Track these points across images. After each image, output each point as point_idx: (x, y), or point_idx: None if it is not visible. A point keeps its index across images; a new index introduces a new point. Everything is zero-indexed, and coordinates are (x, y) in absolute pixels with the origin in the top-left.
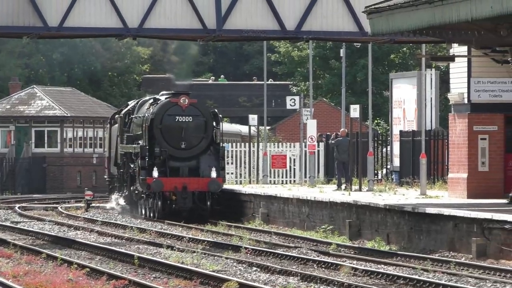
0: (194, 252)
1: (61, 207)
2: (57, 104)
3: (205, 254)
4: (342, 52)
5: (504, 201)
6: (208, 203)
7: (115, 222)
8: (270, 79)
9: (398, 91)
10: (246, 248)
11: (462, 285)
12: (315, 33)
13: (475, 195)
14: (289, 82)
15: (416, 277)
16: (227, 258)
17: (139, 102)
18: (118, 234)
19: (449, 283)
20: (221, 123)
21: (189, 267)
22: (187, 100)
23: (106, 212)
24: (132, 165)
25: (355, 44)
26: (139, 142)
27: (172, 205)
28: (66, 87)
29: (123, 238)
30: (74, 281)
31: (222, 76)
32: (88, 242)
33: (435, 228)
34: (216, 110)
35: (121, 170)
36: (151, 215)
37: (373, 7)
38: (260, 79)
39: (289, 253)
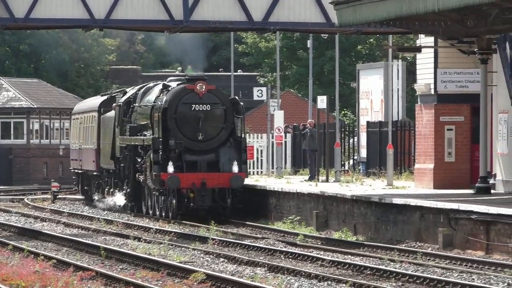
0: (161, 243)
1: (27, 199)
2: (23, 96)
3: (172, 245)
4: (309, 43)
5: (471, 191)
6: (229, 200)
7: (81, 213)
8: (238, 70)
9: (365, 82)
10: (213, 239)
11: (428, 275)
12: (282, 24)
13: (442, 185)
14: (257, 73)
15: (383, 267)
16: (194, 249)
17: (143, 90)
18: (85, 225)
19: (416, 273)
20: (243, 112)
21: (156, 258)
22: (204, 87)
23: (72, 203)
24: (139, 159)
25: (322, 35)
26: (145, 133)
27: (190, 203)
28: (33, 79)
29: (90, 230)
30: (41, 273)
31: (189, 67)
32: (55, 234)
33: (402, 219)
34: (237, 98)
35: (122, 165)
36: (164, 214)
37: None
38: (228, 70)
39: (256, 244)
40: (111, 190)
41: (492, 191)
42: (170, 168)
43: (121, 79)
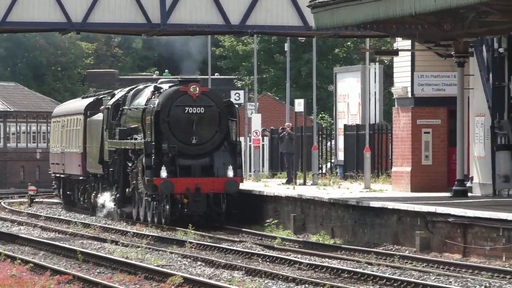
0: (139, 247)
1: (4, 202)
2: (0, 99)
3: (149, 249)
4: (286, 46)
5: (448, 194)
6: (224, 206)
7: (58, 217)
8: (216, 74)
9: (343, 85)
10: (190, 242)
11: (405, 278)
12: (259, 27)
13: (419, 188)
14: (234, 77)
15: (361, 270)
16: (171, 253)
17: (132, 92)
18: (62, 229)
19: (393, 276)
20: (237, 115)
21: (133, 262)
22: (198, 89)
23: (49, 207)
24: (130, 164)
25: (299, 38)
26: (136, 137)
27: (184, 209)
28: (10, 82)
29: (67, 233)
30: (17, 277)
31: (166, 70)
32: (32, 238)
33: (379, 222)
34: (231, 100)
35: (111, 169)
36: (156, 220)
37: (317, 1)
38: (205, 74)
39: (234, 248)
40: (99, 195)
41: (469, 194)
42: (163, 173)
43: (98, 82)
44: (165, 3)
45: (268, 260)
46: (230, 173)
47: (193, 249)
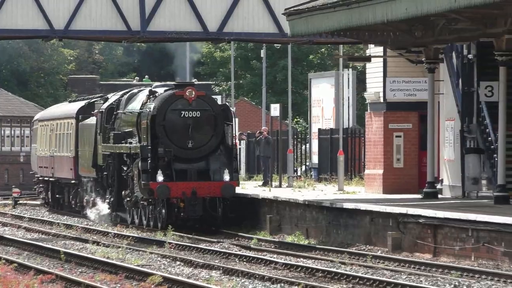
0: (120, 247)
1: None
2: None
3: (130, 249)
4: (262, 53)
5: (419, 196)
6: (220, 210)
7: (42, 218)
8: (194, 79)
9: (317, 90)
10: (170, 243)
11: (377, 277)
12: (236, 34)
13: (391, 190)
14: (212, 82)
15: (334, 269)
16: (151, 253)
17: (126, 96)
18: (45, 230)
19: (366, 276)
20: (234, 119)
21: (114, 261)
22: (193, 93)
23: (33, 208)
24: (125, 168)
25: (275, 45)
26: (130, 141)
27: (180, 213)
28: None
29: (50, 234)
30: (2, 276)
31: (146, 76)
32: (16, 238)
33: (352, 223)
34: (227, 104)
35: (105, 173)
36: (152, 224)
37: (292, 9)
38: (182, 79)
39: (212, 248)
40: (92, 199)
41: (439, 196)
42: (160, 177)
43: (80, 88)
44: (145, 10)
45: (245, 260)
46: (227, 177)
47: (172, 249)
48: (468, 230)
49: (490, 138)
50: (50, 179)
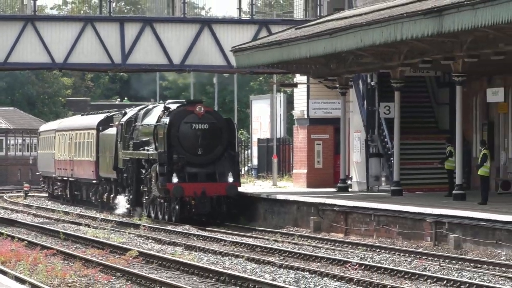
0: (105, 229)
1: (6, 196)
2: (3, 120)
3: (113, 230)
4: (215, 80)
5: (334, 189)
6: (224, 206)
7: (46, 207)
8: (160, 101)
9: (257, 108)
10: (144, 226)
11: (302, 252)
12: (195, 66)
13: (313, 185)
14: None
15: (270, 246)
16: (129, 233)
17: (143, 111)
18: (49, 215)
19: (294, 250)
20: (236, 130)
21: (101, 240)
22: (203, 108)
23: (39, 199)
24: (143, 171)
25: (224, 74)
26: (148, 148)
27: (192, 209)
28: (10, 107)
29: (52, 219)
30: (16, 251)
31: (126, 98)
32: (26, 222)
33: (284, 210)
34: (231, 118)
35: (125, 175)
36: (167, 218)
37: (237, 47)
38: (155, 101)
39: (176, 229)
40: (111, 195)
41: (350, 189)
42: (175, 179)
43: (75, 107)
44: (125, 48)
45: (201, 238)
46: (230, 179)
47: (146, 230)
48: (371, 215)
49: (388, 146)
50: (70, 178)
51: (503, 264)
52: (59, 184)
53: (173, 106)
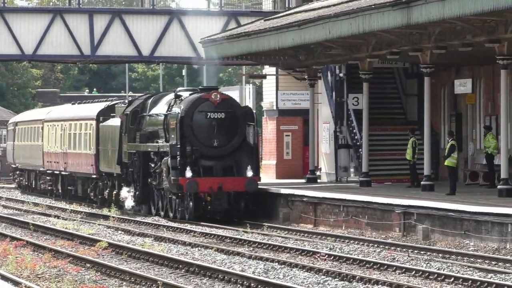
0: (75, 220)
1: None
2: None
3: (83, 221)
4: (184, 71)
5: (303, 180)
6: (242, 203)
7: (16, 198)
8: (130, 92)
9: None
10: (113, 217)
11: (272, 242)
12: (164, 57)
13: (282, 176)
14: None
15: (239, 237)
16: (99, 225)
17: (151, 100)
18: (18, 207)
19: (263, 241)
20: (255, 119)
21: (71, 231)
22: (218, 96)
23: (9, 191)
24: (152, 165)
25: (193, 65)
26: (158, 140)
27: (207, 206)
28: None
29: (22, 210)
30: None
31: (95, 89)
32: None
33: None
34: (249, 106)
35: (130, 169)
36: (179, 216)
37: (206, 38)
38: (124, 92)
39: (146, 220)
40: (114, 192)
41: (318, 180)
42: (188, 173)
43: (45, 98)
44: (94, 40)
45: (170, 229)
46: (249, 173)
47: (115, 221)
48: (340, 206)
49: (356, 137)
50: (62, 172)
51: (471, 255)
52: (48, 178)
53: (185, 94)
